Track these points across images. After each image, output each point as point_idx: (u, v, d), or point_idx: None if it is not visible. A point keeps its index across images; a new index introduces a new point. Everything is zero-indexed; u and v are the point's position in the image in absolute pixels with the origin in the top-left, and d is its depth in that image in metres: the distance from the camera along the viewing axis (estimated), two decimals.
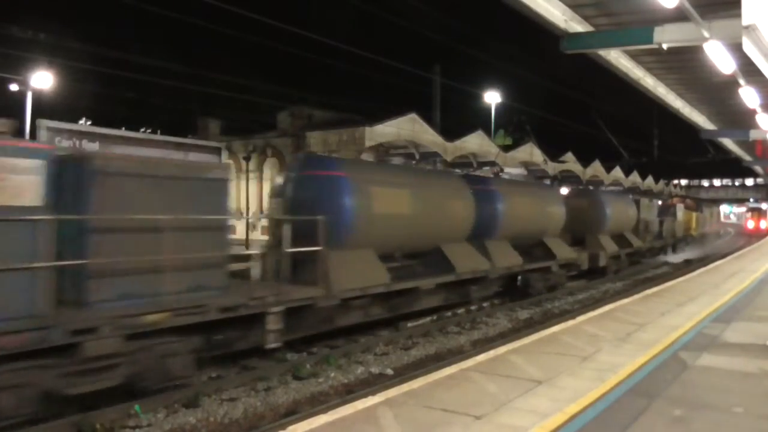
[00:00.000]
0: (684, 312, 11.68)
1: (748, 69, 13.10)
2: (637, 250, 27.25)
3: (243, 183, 32.33)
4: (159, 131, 31.41)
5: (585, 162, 46.85)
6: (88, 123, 27.87)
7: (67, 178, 7.21)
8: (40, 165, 6.65)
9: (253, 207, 32.61)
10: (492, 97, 40.80)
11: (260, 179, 33.49)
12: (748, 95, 16.27)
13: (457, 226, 14.60)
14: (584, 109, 54.44)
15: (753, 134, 25.85)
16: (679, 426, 5.57)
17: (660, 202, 39.98)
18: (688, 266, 27.97)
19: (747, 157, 39.11)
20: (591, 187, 37.96)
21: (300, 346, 10.72)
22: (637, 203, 28.95)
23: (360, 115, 31.07)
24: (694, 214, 40.79)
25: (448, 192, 14.61)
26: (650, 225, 30.32)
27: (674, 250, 35.53)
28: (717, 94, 20.21)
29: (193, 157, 11.82)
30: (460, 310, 15.24)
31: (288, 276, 10.12)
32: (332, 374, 9.58)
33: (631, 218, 26.84)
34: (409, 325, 13.07)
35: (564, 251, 19.46)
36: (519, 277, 17.23)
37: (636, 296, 14.15)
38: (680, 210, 37.73)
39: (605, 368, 7.38)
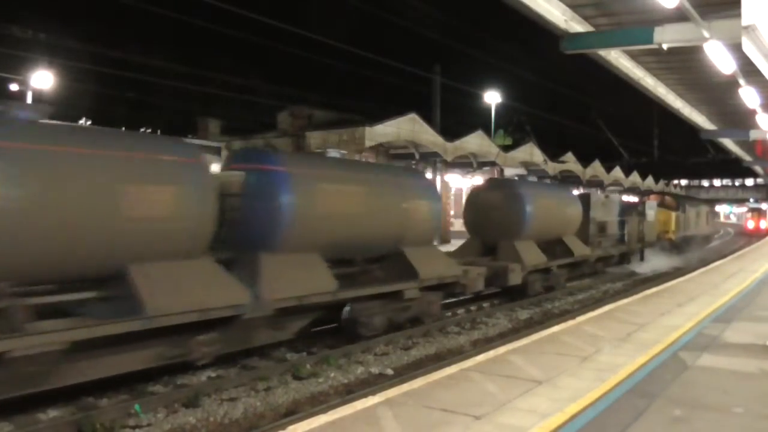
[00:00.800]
0: (684, 312, 11.68)
1: (748, 69, 13.10)
2: (581, 260, 20.31)
3: None
4: (159, 131, 31.47)
5: (585, 162, 46.98)
6: (88, 123, 27.89)
7: None
8: None
9: None
10: (492, 97, 40.85)
11: None
12: (748, 95, 16.27)
13: (167, 231, 8.33)
14: (584, 109, 54.40)
15: (753, 134, 25.88)
16: (679, 426, 5.58)
17: (633, 199, 33.13)
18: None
19: (747, 157, 39.17)
20: (516, 177, 31.01)
21: (300, 346, 10.72)
22: (585, 198, 22.30)
23: (360, 115, 31.11)
24: (674, 214, 32.23)
25: (128, 170, 8.01)
26: (607, 227, 23.53)
27: (642, 258, 27.45)
28: (717, 94, 20.23)
29: None
30: (460, 311, 15.18)
31: None
32: (332, 374, 9.58)
33: (572, 218, 20.07)
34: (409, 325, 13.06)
35: (433, 267, 12.95)
36: (346, 309, 11.34)
37: (636, 296, 14.17)
38: (651, 208, 29.32)
39: (605, 368, 7.38)
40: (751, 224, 66.35)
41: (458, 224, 27.68)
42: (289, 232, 9.97)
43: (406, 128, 29.49)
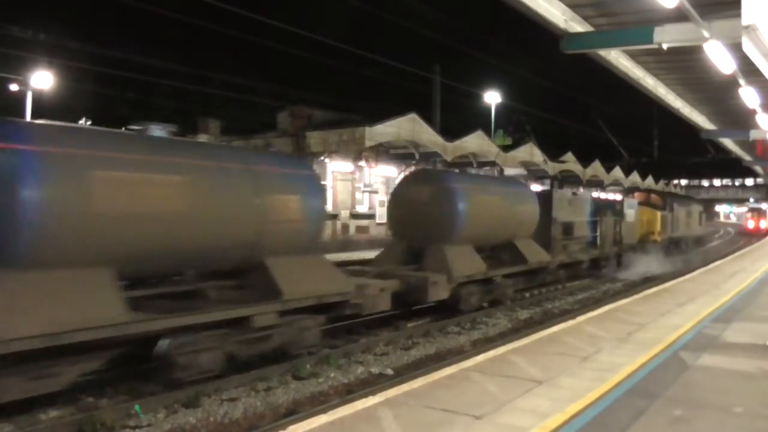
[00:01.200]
0: (684, 312, 11.69)
1: (748, 69, 13.10)
2: (535, 268, 16.82)
3: None
4: None
5: (585, 162, 47.02)
6: (88, 123, 27.90)
7: None
8: None
9: None
10: (492, 97, 40.87)
11: None
12: (748, 95, 16.27)
13: None
14: (584, 109, 54.50)
15: (753, 134, 25.91)
16: (679, 426, 5.58)
17: (609, 196, 29.80)
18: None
19: (747, 157, 39.20)
20: (457, 170, 27.83)
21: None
22: (546, 196, 19.09)
23: (360, 115, 31.13)
24: (659, 213, 28.80)
25: None
26: (574, 229, 19.95)
27: (619, 263, 23.53)
28: (717, 94, 20.24)
29: None
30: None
31: None
32: (332, 374, 9.58)
33: (525, 218, 16.87)
34: (409, 325, 13.07)
35: (308, 283, 9.92)
36: (162, 343, 7.88)
37: (636, 296, 14.17)
38: (632, 207, 25.60)
39: (605, 368, 7.38)
40: (751, 224, 66.48)
41: None
42: (43, 240, 6.92)
43: (406, 128, 29.51)
